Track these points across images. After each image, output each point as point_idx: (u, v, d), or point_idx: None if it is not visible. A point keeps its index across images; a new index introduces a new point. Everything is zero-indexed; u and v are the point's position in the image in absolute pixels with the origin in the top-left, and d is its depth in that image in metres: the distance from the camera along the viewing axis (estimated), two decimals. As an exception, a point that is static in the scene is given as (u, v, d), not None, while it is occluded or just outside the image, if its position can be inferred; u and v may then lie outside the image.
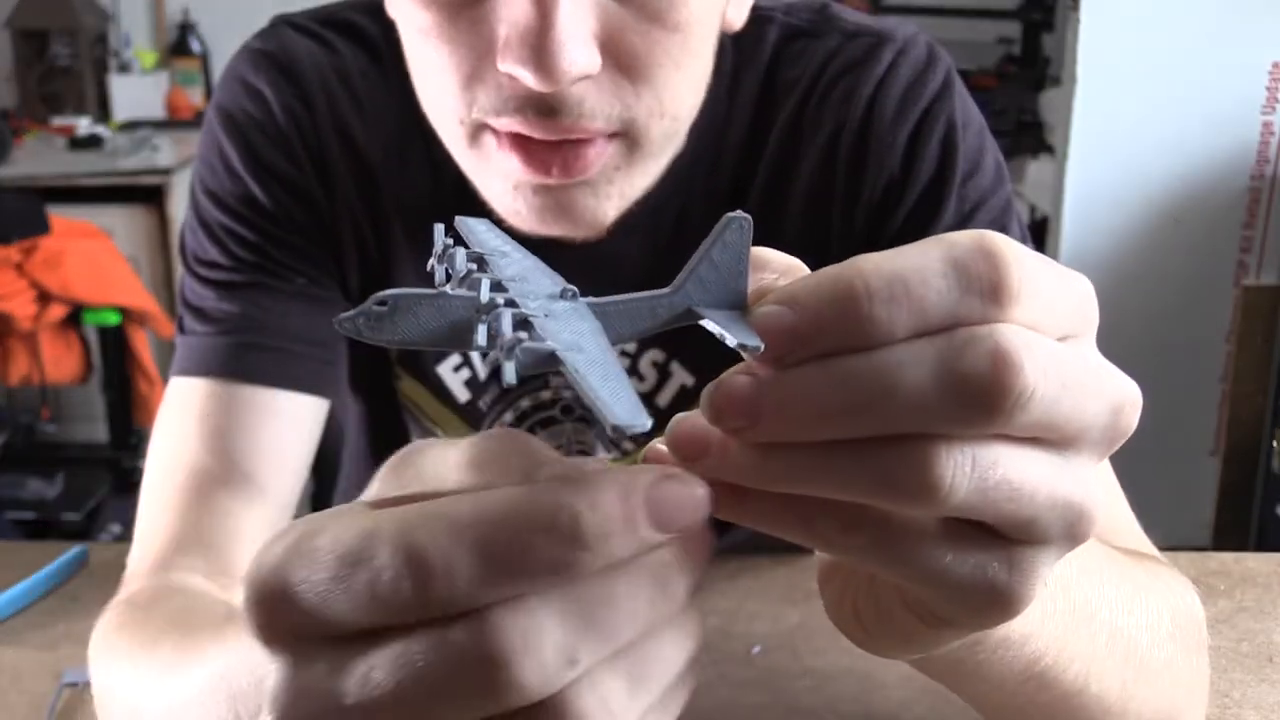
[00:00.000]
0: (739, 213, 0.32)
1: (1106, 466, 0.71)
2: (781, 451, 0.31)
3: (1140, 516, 0.71)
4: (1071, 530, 0.33)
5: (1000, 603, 0.34)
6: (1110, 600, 0.50)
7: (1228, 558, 0.90)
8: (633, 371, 0.77)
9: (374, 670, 0.29)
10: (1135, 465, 0.84)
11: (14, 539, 2.48)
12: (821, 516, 0.33)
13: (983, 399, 0.30)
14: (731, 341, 0.31)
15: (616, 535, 0.29)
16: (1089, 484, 0.34)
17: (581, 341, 0.31)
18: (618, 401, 0.29)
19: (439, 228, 0.34)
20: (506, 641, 0.28)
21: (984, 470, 0.31)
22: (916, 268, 0.30)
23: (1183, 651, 0.56)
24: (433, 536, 0.29)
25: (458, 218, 0.38)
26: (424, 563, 0.28)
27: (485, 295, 0.31)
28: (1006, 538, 0.33)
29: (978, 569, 0.33)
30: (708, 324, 0.32)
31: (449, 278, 0.32)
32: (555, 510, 0.29)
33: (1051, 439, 0.32)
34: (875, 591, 0.38)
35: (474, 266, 0.32)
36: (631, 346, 0.77)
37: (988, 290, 0.30)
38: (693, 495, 0.31)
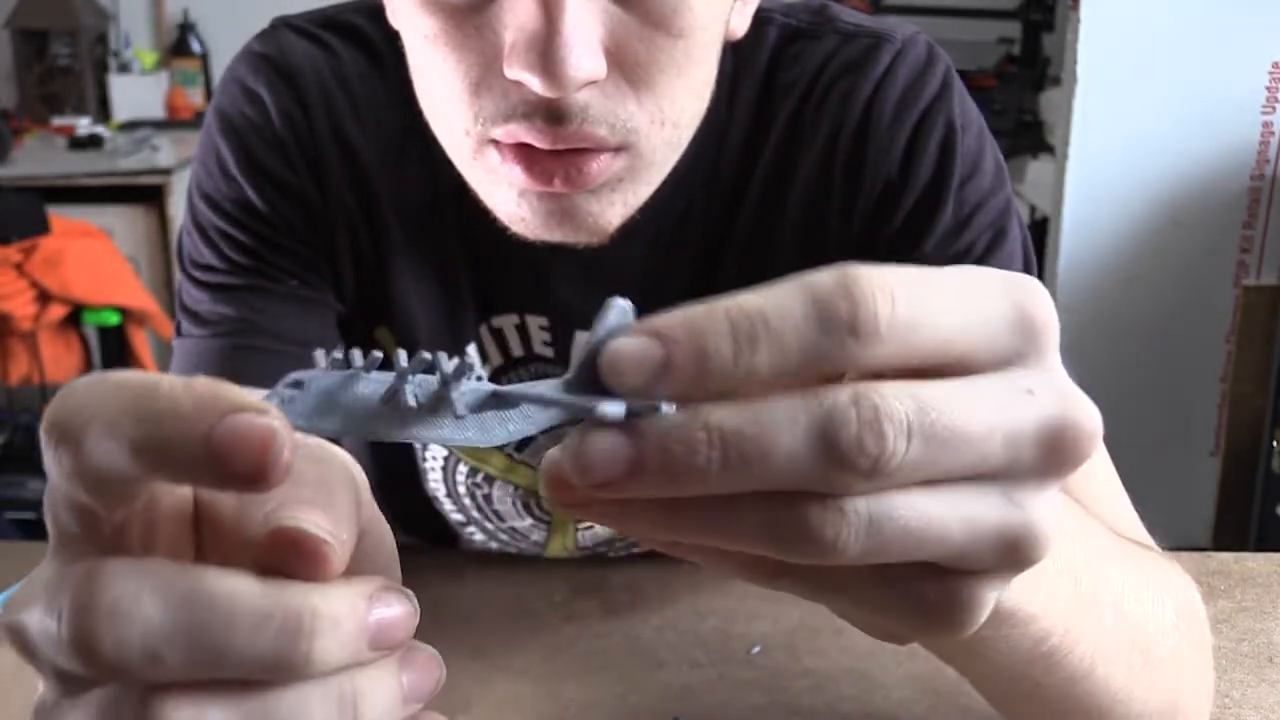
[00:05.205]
0: (620, 299, 0.31)
1: (1107, 463, 0.71)
2: (679, 507, 0.30)
3: (1140, 516, 0.71)
4: (1012, 558, 0.32)
5: (945, 625, 0.33)
6: (1117, 585, 0.50)
7: (1228, 558, 0.90)
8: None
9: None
10: (1135, 465, 0.84)
11: (14, 539, 2.48)
12: (749, 562, 0.32)
13: (854, 464, 0.28)
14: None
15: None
16: (1022, 509, 0.32)
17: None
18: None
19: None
20: (94, 598, 0.28)
21: (880, 522, 0.29)
22: (777, 303, 0.29)
23: (1187, 644, 0.56)
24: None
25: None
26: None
27: (404, 360, 0.30)
28: (939, 567, 0.32)
29: (912, 598, 0.32)
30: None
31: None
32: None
33: (958, 477, 0.31)
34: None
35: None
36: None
37: (848, 327, 0.29)
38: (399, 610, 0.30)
